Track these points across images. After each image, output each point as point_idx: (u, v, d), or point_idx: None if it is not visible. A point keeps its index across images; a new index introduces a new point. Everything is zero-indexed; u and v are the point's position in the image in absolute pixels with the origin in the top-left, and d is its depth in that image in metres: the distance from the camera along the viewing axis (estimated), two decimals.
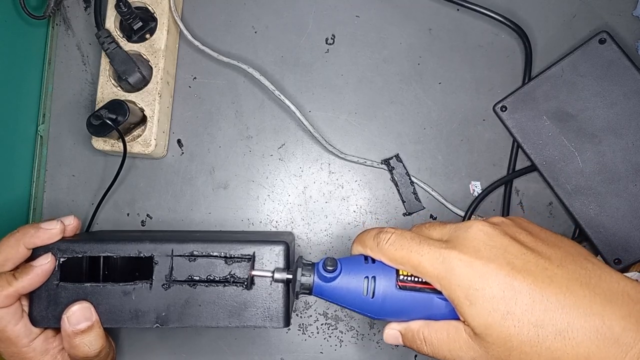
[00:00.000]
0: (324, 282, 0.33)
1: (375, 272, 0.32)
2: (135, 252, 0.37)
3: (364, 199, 0.51)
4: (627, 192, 0.46)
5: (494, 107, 0.49)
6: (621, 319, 0.26)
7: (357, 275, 0.33)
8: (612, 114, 0.47)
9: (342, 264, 0.33)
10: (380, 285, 0.32)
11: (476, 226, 0.30)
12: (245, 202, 0.51)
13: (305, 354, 0.49)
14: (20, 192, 0.51)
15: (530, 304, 0.27)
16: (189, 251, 0.37)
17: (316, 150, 0.51)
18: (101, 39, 0.48)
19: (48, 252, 0.37)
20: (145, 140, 0.48)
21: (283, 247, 0.37)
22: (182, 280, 0.37)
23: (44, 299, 0.37)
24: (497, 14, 0.49)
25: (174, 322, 0.36)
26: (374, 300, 0.32)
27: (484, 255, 0.29)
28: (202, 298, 0.36)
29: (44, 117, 0.52)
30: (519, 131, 0.48)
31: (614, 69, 0.47)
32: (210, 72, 0.52)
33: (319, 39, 0.52)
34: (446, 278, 0.29)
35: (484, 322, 0.28)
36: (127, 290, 0.37)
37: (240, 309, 0.36)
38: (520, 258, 0.29)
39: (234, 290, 0.37)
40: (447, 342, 0.31)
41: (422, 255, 0.30)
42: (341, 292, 0.33)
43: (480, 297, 0.28)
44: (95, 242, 0.37)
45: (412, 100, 0.51)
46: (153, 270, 0.37)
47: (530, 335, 0.27)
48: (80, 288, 0.37)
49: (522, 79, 0.50)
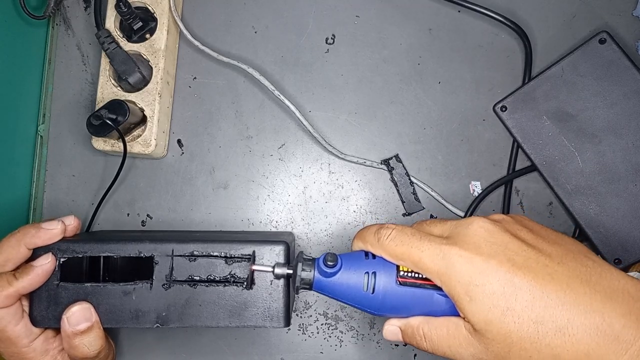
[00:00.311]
0: (325, 277, 0.33)
1: (375, 267, 0.32)
2: (136, 252, 0.37)
3: (363, 199, 0.51)
4: (627, 192, 0.46)
5: (494, 107, 0.49)
6: (621, 317, 0.26)
7: (358, 271, 0.32)
8: (612, 114, 0.47)
9: (342, 260, 0.33)
10: (381, 281, 0.32)
11: (477, 223, 0.30)
12: (245, 202, 0.51)
13: (305, 354, 0.49)
14: (20, 192, 0.51)
15: (531, 301, 0.27)
16: (189, 251, 0.37)
17: (316, 150, 0.51)
18: (101, 39, 0.48)
19: (48, 252, 0.37)
20: (145, 140, 0.48)
21: (283, 247, 0.37)
22: (182, 280, 0.37)
23: (44, 299, 0.37)
24: (497, 14, 0.49)
25: (174, 322, 0.36)
26: (374, 296, 0.32)
27: (485, 251, 0.29)
28: (203, 298, 0.36)
29: (44, 117, 0.52)
30: (519, 131, 0.48)
31: (614, 69, 0.47)
32: (210, 72, 0.52)
33: (319, 39, 0.52)
34: (446, 274, 0.29)
35: (483, 319, 0.28)
36: (128, 290, 0.37)
37: (240, 309, 0.36)
38: (520, 255, 0.29)
39: (234, 290, 0.37)
40: (446, 338, 0.31)
41: (423, 251, 0.30)
42: (341, 288, 0.33)
43: (481, 293, 0.28)
44: (96, 242, 0.37)
45: (412, 100, 0.51)
46: (153, 270, 0.37)
47: (530, 332, 0.27)
48: (81, 288, 0.37)
49: (522, 79, 0.50)
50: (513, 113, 0.49)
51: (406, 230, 0.32)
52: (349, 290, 0.33)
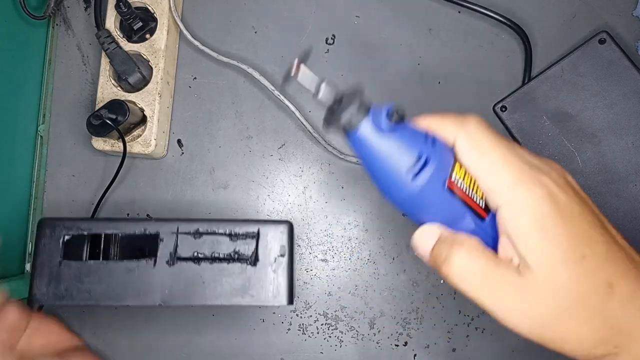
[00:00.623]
0: (374, 128, 0.26)
1: (432, 154, 0.26)
2: (142, 229, 0.37)
3: (363, 199, 0.51)
4: (627, 192, 0.46)
5: (494, 107, 0.49)
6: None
7: (412, 146, 0.26)
8: (612, 114, 0.47)
9: (403, 126, 0.27)
10: (429, 172, 0.26)
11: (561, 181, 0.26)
12: (245, 202, 0.51)
13: (305, 354, 0.49)
14: (20, 192, 0.51)
15: (604, 256, 0.25)
16: (194, 229, 0.37)
17: (316, 150, 0.51)
18: (101, 39, 0.48)
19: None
20: (145, 140, 0.48)
21: (287, 226, 0.37)
22: (186, 258, 0.37)
23: (45, 277, 0.36)
24: (497, 14, 0.49)
25: (177, 299, 0.36)
26: (412, 183, 0.26)
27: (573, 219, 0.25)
28: (206, 275, 0.36)
29: (44, 117, 0.52)
30: (519, 131, 0.48)
31: (614, 69, 0.47)
32: (210, 72, 0.52)
33: (319, 39, 0.52)
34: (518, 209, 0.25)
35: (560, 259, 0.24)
36: (131, 267, 0.36)
37: (244, 287, 0.36)
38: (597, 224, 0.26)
39: (239, 267, 0.37)
40: (491, 276, 0.26)
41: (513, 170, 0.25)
42: (380, 153, 0.26)
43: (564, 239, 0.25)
44: (101, 221, 0.37)
45: (412, 101, 0.51)
46: (158, 247, 0.37)
47: (598, 291, 0.25)
48: (83, 265, 0.37)
49: (522, 79, 0.50)
50: (513, 113, 0.49)
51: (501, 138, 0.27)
52: (388, 162, 0.26)
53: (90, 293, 0.37)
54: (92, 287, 0.37)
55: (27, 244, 0.52)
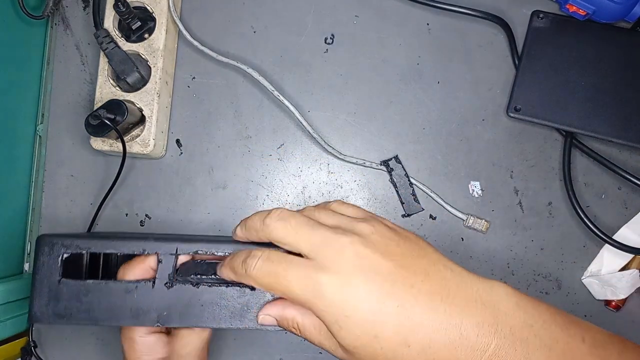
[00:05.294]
0: None
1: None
2: (140, 250, 0.37)
3: (363, 199, 0.50)
4: None
5: (507, 112, 0.49)
6: (475, 327, 0.27)
7: None
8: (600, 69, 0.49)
9: None
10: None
11: (348, 248, 0.30)
12: (244, 202, 0.51)
13: (305, 354, 0.49)
14: (19, 192, 0.51)
15: (398, 326, 0.28)
16: (193, 250, 0.37)
17: (315, 150, 0.51)
18: (100, 39, 0.48)
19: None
20: (143, 140, 0.48)
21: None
22: (185, 281, 0.37)
23: (45, 296, 0.36)
24: (476, 11, 0.50)
25: (175, 321, 0.36)
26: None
27: (355, 280, 0.29)
28: (205, 298, 0.36)
29: (43, 117, 0.52)
30: (545, 116, 0.49)
31: (570, 30, 0.49)
32: (209, 72, 0.52)
33: (318, 39, 0.52)
34: (316, 304, 0.29)
35: (352, 344, 0.29)
36: (129, 288, 0.36)
37: (242, 311, 0.36)
38: (389, 279, 0.29)
39: (237, 291, 0.36)
40: (320, 334, 0.31)
41: (290, 281, 0.30)
42: None
43: (351, 322, 0.28)
44: (100, 239, 0.37)
45: (411, 100, 0.51)
46: (157, 268, 0.37)
47: (397, 354, 0.28)
48: (82, 285, 0.36)
49: (514, 76, 0.50)
50: (528, 104, 0.49)
51: (272, 256, 0.31)
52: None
53: (89, 313, 0.36)
54: (91, 307, 0.37)
55: (25, 244, 0.52)
